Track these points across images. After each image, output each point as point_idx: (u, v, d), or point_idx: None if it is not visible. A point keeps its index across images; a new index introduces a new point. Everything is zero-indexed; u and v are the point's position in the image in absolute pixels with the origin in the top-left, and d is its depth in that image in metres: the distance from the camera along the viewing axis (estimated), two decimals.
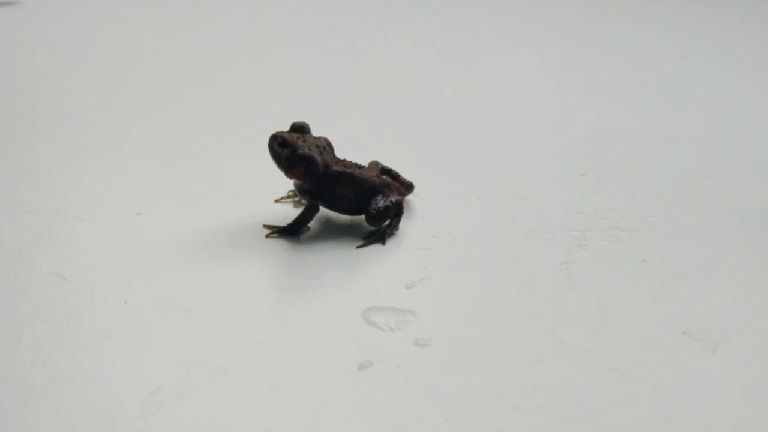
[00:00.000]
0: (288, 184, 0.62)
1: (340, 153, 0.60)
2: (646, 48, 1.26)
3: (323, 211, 0.59)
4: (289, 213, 0.60)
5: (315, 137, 0.57)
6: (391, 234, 0.58)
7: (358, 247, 0.56)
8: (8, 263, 0.52)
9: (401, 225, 0.59)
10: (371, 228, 0.58)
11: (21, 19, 1.24)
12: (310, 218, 0.57)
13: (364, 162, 0.61)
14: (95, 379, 0.41)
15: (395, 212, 0.58)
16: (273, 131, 0.56)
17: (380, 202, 0.57)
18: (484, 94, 0.98)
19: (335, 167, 0.57)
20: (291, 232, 0.57)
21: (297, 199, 0.62)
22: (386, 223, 0.58)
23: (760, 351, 0.46)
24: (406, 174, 0.63)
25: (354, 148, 0.63)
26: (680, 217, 0.63)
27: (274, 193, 0.63)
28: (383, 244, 0.57)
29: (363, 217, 0.58)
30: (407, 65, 1.11)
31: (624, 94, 1.00)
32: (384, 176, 0.59)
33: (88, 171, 0.68)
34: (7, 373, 0.42)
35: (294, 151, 0.55)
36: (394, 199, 0.58)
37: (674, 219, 0.63)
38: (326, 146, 0.57)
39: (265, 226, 0.58)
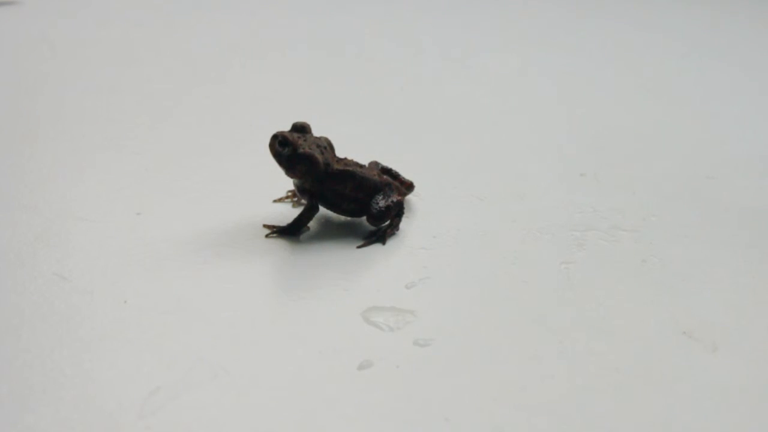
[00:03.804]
0: (287, 185, 0.62)
1: (341, 153, 0.60)
2: (646, 48, 1.26)
3: (323, 211, 0.59)
4: (288, 213, 0.60)
5: (316, 137, 0.57)
6: (392, 234, 0.58)
7: (358, 247, 0.56)
8: (8, 263, 0.52)
9: (401, 225, 0.59)
10: (371, 228, 0.58)
11: (21, 19, 1.24)
12: (310, 218, 0.57)
13: (364, 162, 0.61)
14: (95, 379, 0.41)
15: (396, 212, 0.58)
16: (273, 131, 0.56)
17: (381, 201, 0.57)
18: (484, 94, 0.98)
19: (336, 166, 0.57)
20: (291, 232, 0.57)
21: (296, 199, 0.62)
22: (387, 222, 0.58)
23: (760, 351, 0.46)
24: (406, 174, 0.63)
25: (354, 148, 0.63)
26: (680, 217, 0.63)
27: (273, 193, 0.63)
28: (383, 244, 0.57)
29: (363, 217, 0.58)
30: (407, 65, 1.11)
31: (624, 94, 1.00)
32: (384, 176, 0.60)
33: (88, 171, 0.68)
34: (7, 373, 0.42)
35: (295, 150, 0.55)
36: (395, 199, 0.58)
37: (674, 219, 0.63)
38: (327, 146, 0.57)
39: (265, 226, 0.58)
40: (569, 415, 0.40)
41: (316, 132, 0.59)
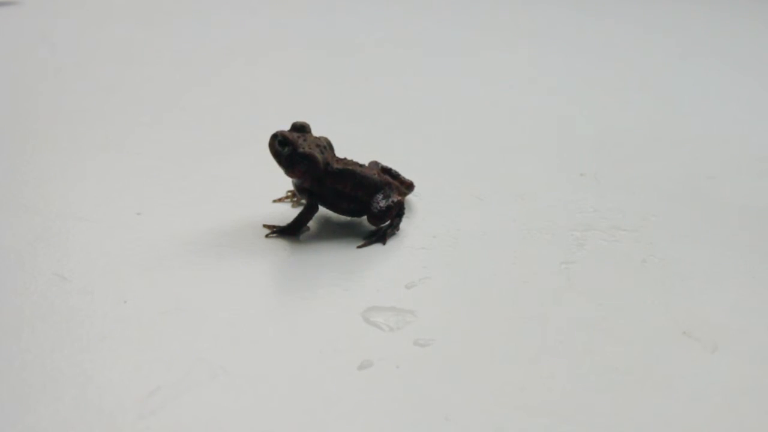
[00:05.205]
0: (287, 185, 0.62)
1: (340, 153, 0.60)
2: (646, 48, 1.26)
3: (323, 211, 0.59)
4: (288, 213, 0.60)
5: (315, 137, 0.57)
6: (392, 234, 0.58)
7: (358, 247, 0.56)
8: (8, 263, 0.52)
9: (401, 225, 0.59)
10: (371, 228, 0.58)
11: (21, 19, 1.24)
12: (310, 218, 0.57)
13: (364, 162, 0.61)
14: (95, 379, 0.41)
15: (397, 212, 0.58)
16: (273, 131, 0.56)
17: (382, 201, 0.57)
18: (484, 94, 0.98)
19: (336, 165, 0.57)
20: (291, 231, 0.57)
21: (296, 199, 0.62)
22: (387, 222, 0.58)
23: (760, 351, 0.46)
24: (406, 174, 0.63)
25: (354, 148, 0.63)
26: (680, 217, 0.63)
27: (273, 193, 0.63)
28: (384, 244, 0.57)
29: (363, 217, 0.58)
30: (407, 65, 1.11)
31: (624, 94, 1.00)
32: (384, 175, 0.59)
33: (88, 171, 0.68)
34: (7, 373, 0.42)
35: (295, 149, 0.55)
36: (396, 199, 0.58)
37: (674, 219, 0.63)
38: (326, 145, 0.57)
39: (265, 226, 0.58)
40: (569, 415, 0.40)
41: (316, 132, 0.59)
